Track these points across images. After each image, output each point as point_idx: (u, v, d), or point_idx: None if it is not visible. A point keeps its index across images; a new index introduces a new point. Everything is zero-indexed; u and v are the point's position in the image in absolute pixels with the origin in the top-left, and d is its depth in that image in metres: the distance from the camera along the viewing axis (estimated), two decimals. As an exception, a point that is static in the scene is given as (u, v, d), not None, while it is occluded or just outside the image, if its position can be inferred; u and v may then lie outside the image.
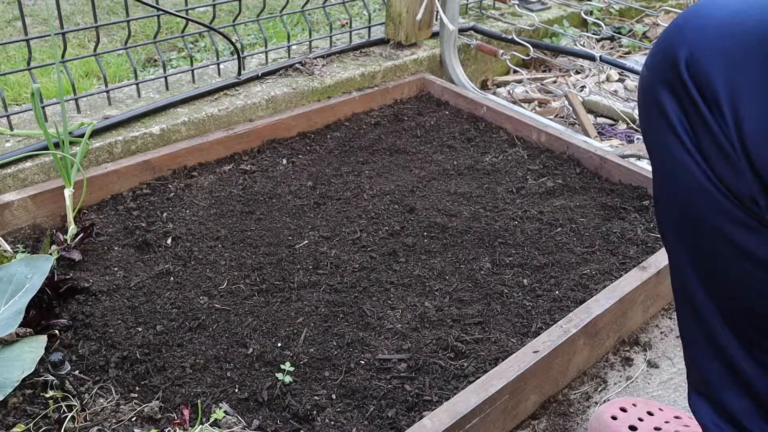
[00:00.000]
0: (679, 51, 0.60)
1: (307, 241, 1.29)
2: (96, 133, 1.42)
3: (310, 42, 1.86)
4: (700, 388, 0.73)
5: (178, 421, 0.91)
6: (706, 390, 0.72)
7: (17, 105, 1.93)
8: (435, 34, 2.00)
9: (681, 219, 0.66)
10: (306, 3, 1.84)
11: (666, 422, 0.95)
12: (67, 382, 0.94)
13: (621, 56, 2.35)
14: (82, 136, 1.37)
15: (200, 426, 0.90)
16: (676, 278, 0.71)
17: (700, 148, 0.61)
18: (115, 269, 1.20)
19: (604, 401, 1.06)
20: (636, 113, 1.87)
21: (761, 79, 0.55)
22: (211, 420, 0.92)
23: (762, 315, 0.63)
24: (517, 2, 2.12)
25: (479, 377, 0.94)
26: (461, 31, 2.03)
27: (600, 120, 2.00)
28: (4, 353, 0.96)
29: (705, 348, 0.69)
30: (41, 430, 0.91)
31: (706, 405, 0.73)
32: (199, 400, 0.95)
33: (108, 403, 0.95)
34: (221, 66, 1.71)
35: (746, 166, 0.57)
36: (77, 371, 1.00)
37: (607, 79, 2.21)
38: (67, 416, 0.92)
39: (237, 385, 0.99)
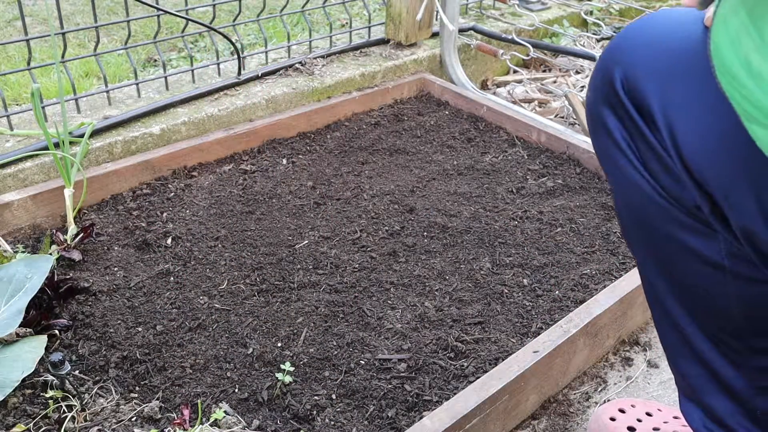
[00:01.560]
0: (614, 71, 0.63)
1: (307, 241, 1.29)
2: (96, 133, 1.42)
3: (310, 42, 1.86)
4: (687, 393, 0.74)
5: (178, 421, 0.91)
6: (692, 394, 0.73)
7: (17, 105, 1.93)
8: (435, 34, 2.00)
9: (638, 229, 0.68)
10: (306, 3, 1.84)
11: (665, 422, 0.95)
12: (67, 382, 0.94)
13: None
14: (82, 136, 1.37)
15: (200, 426, 0.90)
16: (646, 286, 0.73)
17: (644, 162, 0.63)
18: (115, 269, 1.20)
19: (604, 401, 1.06)
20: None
21: (689, 93, 0.58)
22: (211, 420, 0.92)
23: (726, 315, 0.64)
24: (517, 2, 2.12)
25: (479, 377, 0.94)
26: (461, 31, 2.03)
27: (600, 120, 1.99)
28: (4, 353, 0.96)
29: (684, 353, 0.71)
30: (41, 430, 0.91)
31: (696, 409, 0.74)
32: (199, 400, 0.96)
33: (108, 403, 0.95)
34: (221, 66, 1.71)
35: (686, 176, 0.59)
36: (77, 371, 1.00)
37: (607, 79, 2.20)
38: (67, 416, 0.92)
39: (237, 385, 0.99)
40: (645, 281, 0.72)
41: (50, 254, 1.18)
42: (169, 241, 1.27)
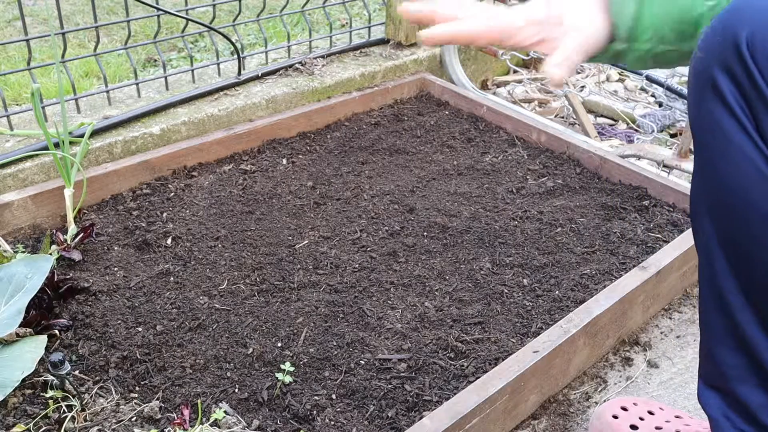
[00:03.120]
0: (739, 31, 0.59)
1: (307, 241, 1.29)
2: (96, 133, 1.42)
3: (310, 42, 1.86)
4: (713, 380, 0.72)
5: (178, 421, 0.91)
6: (720, 381, 0.71)
7: (17, 105, 1.93)
8: (435, 34, 1.99)
9: (722, 203, 0.65)
10: (306, 3, 1.84)
11: (667, 421, 0.95)
12: (67, 382, 0.93)
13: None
14: (82, 136, 1.37)
15: (200, 426, 0.90)
16: (704, 265, 0.70)
17: (759, 129, 0.59)
18: (115, 269, 1.20)
19: (605, 401, 1.06)
20: (636, 113, 1.88)
21: None
22: (211, 420, 0.92)
23: None
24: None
25: (479, 377, 0.94)
26: (461, 31, 2.03)
27: (600, 120, 2.00)
28: (4, 353, 0.96)
29: (726, 338, 0.68)
30: (41, 430, 0.91)
31: (717, 397, 0.72)
32: (199, 400, 0.95)
33: (108, 403, 0.95)
34: (221, 66, 1.71)
35: None
36: (77, 371, 1.00)
37: (607, 79, 2.21)
38: (67, 416, 0.92)
39: (237, 385, 0.99)
40: (704, 259, 0.70)
41: (50, 254, 1.18)
42: (169, 241, 1.27)
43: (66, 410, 0.93)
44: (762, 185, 0.60)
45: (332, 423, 0.93)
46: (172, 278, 1.18)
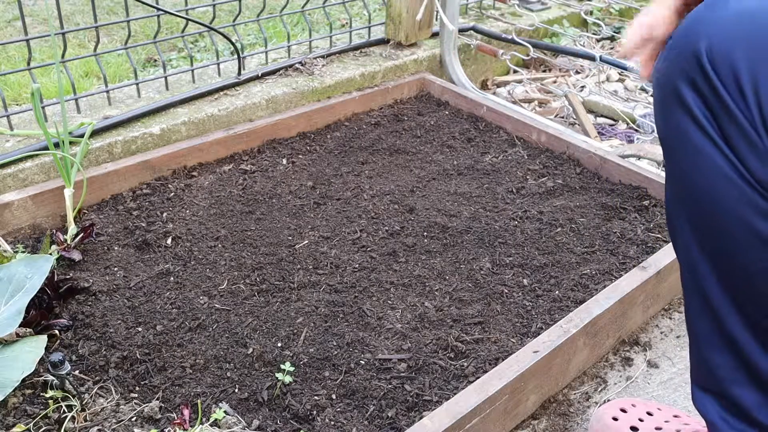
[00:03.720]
0: (699, 42, 0.61)
1: (307, 241, 1.29)
2: (96, 133, 1.42)
3: (310, 42, 1.86)
4: (706, 383, 0.73)
5: (178, 421, 0.91)
6: (713, 385, 0.72)
7: (17, 105, 1.93)
8: (435, 34, 2.00)
9: (698, 210, 0.66)
10: (306, 3, 1.84)
11: (666, 422, 0.95)
12: (67, 382, 0.94)
13: (621, 56, 2.35)
14: (82, 136, 1.37)
15: (200, 426, 0.90)
16: (686, 271, 0.71)
17: (725, 138, 0.61)
18: (115, 269, 1.20)
19: (604, 401, 1.06)
20: (636, 113, 1.88)
21: None
22: (211, 420, 0.92)
23: None
24: (517, 2, 2.12)
25: (479, 377, 0.94)
26: (461, 31, 2.03)
27: (600, 120, 2.00)
28: (4, 353, 0.96)
29: (715, 341, 0.69)
30: (41, 430, 0.91)
31: (712, 401, 0.72)
32: (199, 400, 0.96)
33: (108, 403, 0.95)
34: (221, 66, 1.71)
35: None
36: (77, 371, 1.00)
37: (607, 79, 2.21)
38: (67, 416, 0.92)
39: (237, 385, 0.99)
40: (686, 265, 0.71)
41: (50, 254, 1.18)
42: (169, 241, 1.27)
43: (66, 410, 0.93)
44: (733, 191, 0.61)
45: (332, 423, 0.93)
46: (172, 278, 1.18)
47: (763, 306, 0.64)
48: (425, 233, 1.32)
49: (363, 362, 1.03)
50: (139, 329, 1.07)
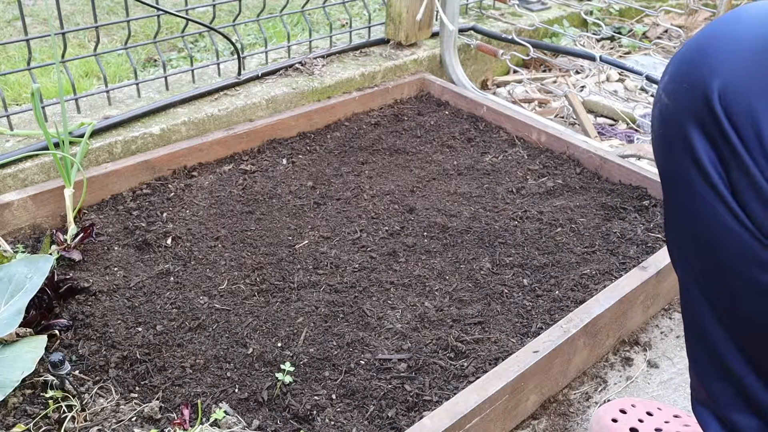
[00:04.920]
0: (710, 82, 0.55)
1: (307, 241, 1.29)
2: (96, 133, 1.42)
3: (310, 42, 1.86)
4: (706, 403, 0.71)
5: (178, 421, 0.91)
6: (713, 408, 0.70)
7: (17, 105, 1.93)
8: (435, 34, 2.00)
9: (697, 256, 0.63)
10: (306, 3, 1.84)
11: (666, 422, 0.95)
12: (67, 382, 0.94)
13: (621, 56, 2.35)
14: (82, 136, 1.37)
15: (200, 426, 0.90)
16: (686, 309, 0.69)
17: (731, 187, 0.57)
18: (115, 269, 1.20)
19: (604, 401, 1.06)
20: (636, 113, 1.88)
21: None
22: (211, 420, 0.92)
23: None
24: (517, 2, 2.12)
25: (479, 377, 0.94)
26: (461, 31, 2.03)
27: (600, 120, 2.00)
28: (4, 353, 0.96)
29: (714, 372, 0.68)
30: (41, 430, 0.91)
31: (712, 418, 0.71)
32: (199, 400, 0.96)
33: (108, 403, 0.95)
34: (221, 66, 1.71)
35: None
36: (77, 371, 1.00)
37: (607, 79, 2.21)
38: (67, 416, 0.92)
39: (237, 385, 0.99)
40: (686, 303, 0.68)
41: (50, 254, 1.18)
42: (169, 241, 1.27)
43: (66, 410, 0.93)
44: (734, 243, 0.58)
45: (332, 423, 0.93)
46: (172, 278, 1.18)
47: (762, 347, 0.62)
48: (425, 233, 1.32)
49: (363, 362, 1.03)
50: (139, 329, 1.07)
